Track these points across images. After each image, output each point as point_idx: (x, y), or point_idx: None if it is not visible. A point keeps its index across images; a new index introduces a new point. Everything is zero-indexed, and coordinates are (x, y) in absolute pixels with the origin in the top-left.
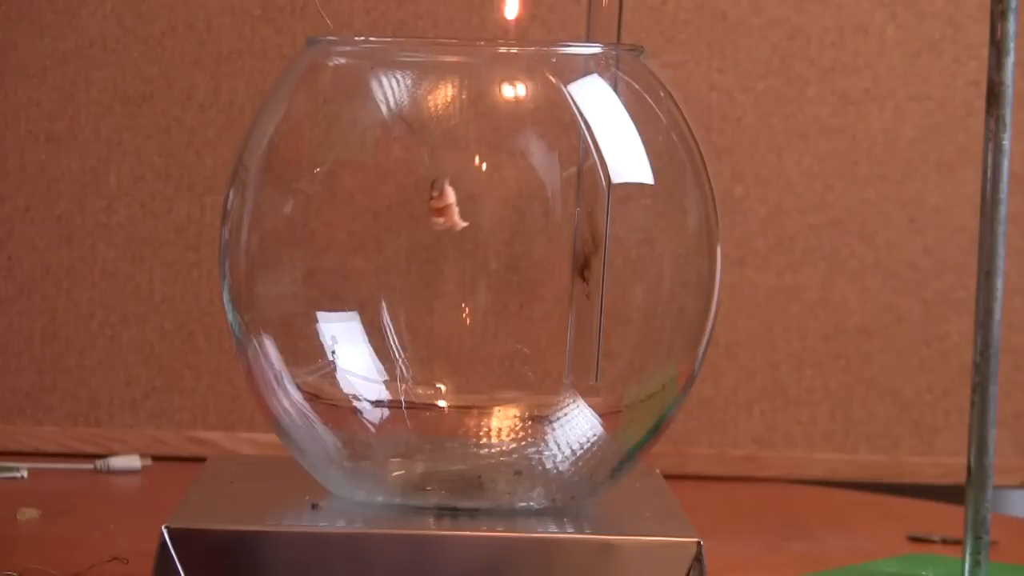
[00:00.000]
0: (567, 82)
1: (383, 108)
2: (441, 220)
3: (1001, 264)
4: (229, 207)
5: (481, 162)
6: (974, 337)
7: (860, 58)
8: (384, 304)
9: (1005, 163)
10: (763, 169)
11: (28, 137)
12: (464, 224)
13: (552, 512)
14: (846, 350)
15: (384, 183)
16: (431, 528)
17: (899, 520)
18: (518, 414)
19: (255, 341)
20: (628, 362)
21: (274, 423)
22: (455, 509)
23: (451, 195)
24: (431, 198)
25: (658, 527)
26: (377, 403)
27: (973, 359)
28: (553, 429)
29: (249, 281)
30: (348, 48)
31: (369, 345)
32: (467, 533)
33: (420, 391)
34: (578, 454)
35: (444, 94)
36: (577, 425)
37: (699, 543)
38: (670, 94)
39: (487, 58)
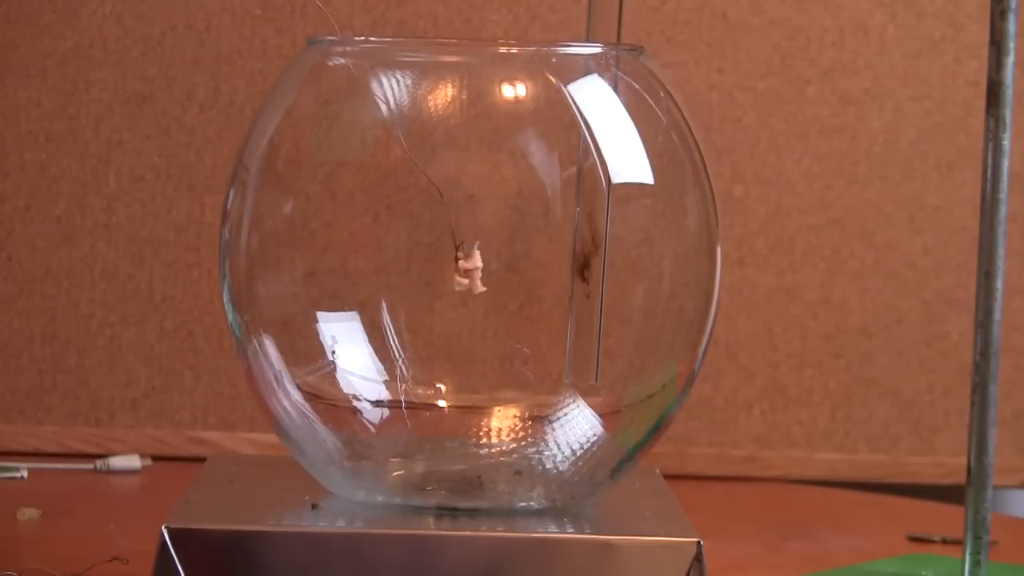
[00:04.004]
0: (567, 82)
1: (383, 108)
2: (465, 282)
3: (1001, 264)
4: (229, 207)
5: (481, 162)
6: (974, 337)
7: (860, 58)
8: (384, 304)
9: (1005, 163)
10: (763, 169)
11: (28, 137)
12: (483, 289)
13: (552, 512)
14: (846, 350)
15: (384, 183)
16: (431, 528)
17: (899, 520)
18: (518, 414)
19: (255, 341)
20: (628, 362)
21: (274, 423)
22: (455, 509)
23: (478, 260)
24: (457, 258)
25: (658, 527)
26: (377, 403)
27: (973, 359)
28: (553, 429)
29: (249, 281)
30: (348, 48)
31: (369, 345)
32: (467, 533)
33: (420, 391)
34: (578, 454)
35: (444, 94)
36: (577, 425)
37: (699, 543)
38: (670, 94)
39: (487, 58)
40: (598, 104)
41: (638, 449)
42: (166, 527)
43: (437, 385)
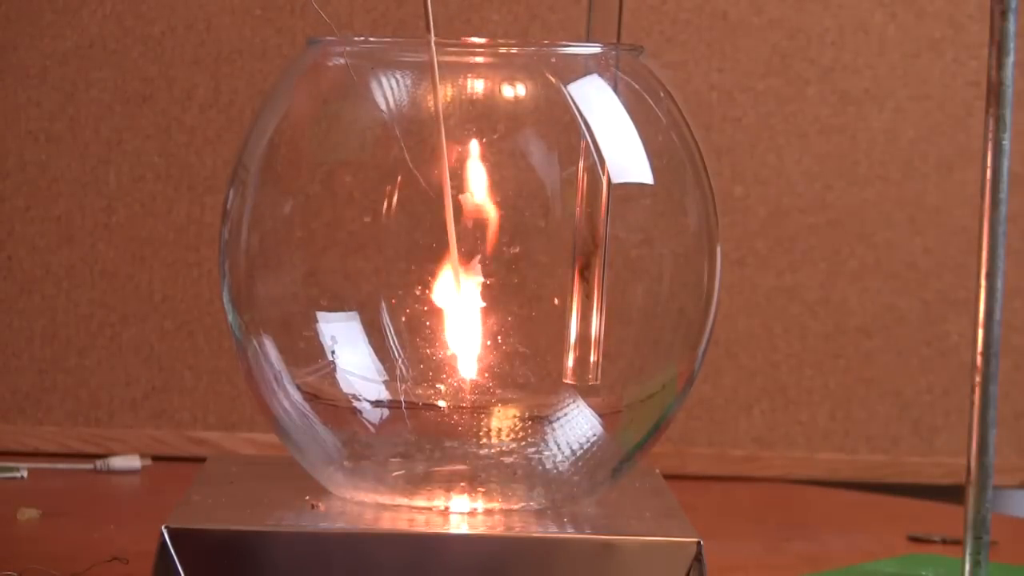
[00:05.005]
0: (567, 82)
1: (383, 108)
2: None
3: (1001, 264)
4: (229, 207)
5: (481, 162)
6: (974, 337)
7: (860, 58)
8: (384, 304)
9: (1005, 163)
10: (763, 169)
11: (28, 137)
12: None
13: (552, 512)
14: (846, 350)
15: (384, 183)
16: (431, 528)
17: (899, 520)
18: (518, 414)
19: (255, 341)
20: (628, 362)
21: (274, 423)
22: (455, 509)
23: None
24: None
25: (658, 527)
26: (377, 403)
27: (973, 359)
28: (553, 429)
29: (249, 281)
30: (348, 48)
31: (369, 345)
32: (467, 533)
33: (420, 391)
34: (578, 454)
35: (444, 94)
36: (577, 425)
37: (699, 543)
38: (670, 94)
39: (487, 58)
40: (598, 104)
41: (638, 449)
42: (166, 527)
43: (437, 385)
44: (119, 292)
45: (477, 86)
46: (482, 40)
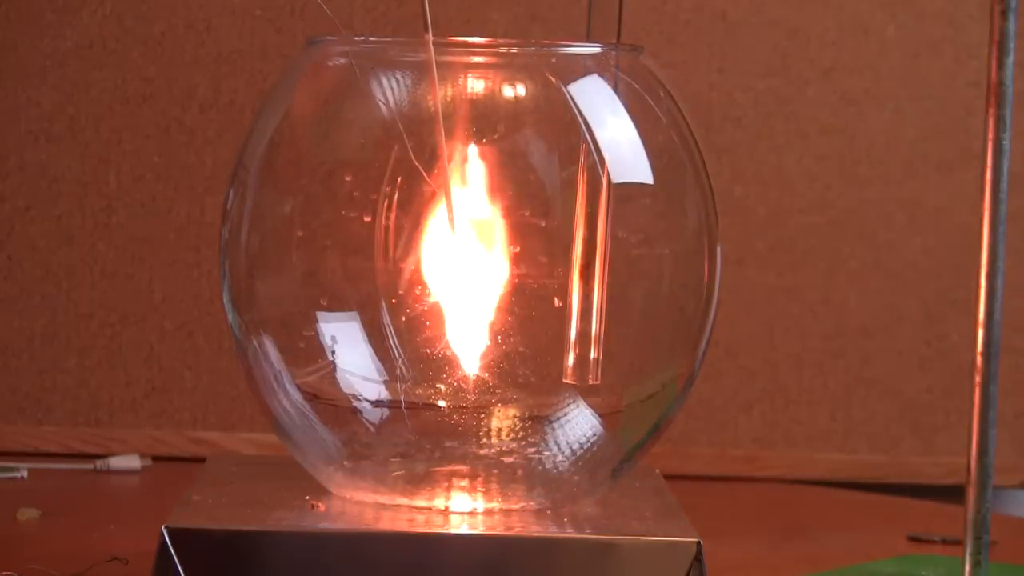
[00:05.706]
0: (567, 82)
1: (383, 108)
2: None
3: (1001, 264)
4: (229, 207)
5: (481, 162)
6: (974, 337)
7: (860, 58)
8: (384, 304)
9: (1005, 163)
10: (763, 169)
11: (28, 137)
12: None
13: (552, 512)
14: (846, 350)
15: (384, 183)
16: (431, 528)
17: (899, 520)
18: (518, 414)
19: (255, 341)
20: (628, 362)
21: (274, 423)
22: (455, 509)
23: None
24: None
25: (658, 527)
26: (377, 403)
27: (973, 359)
28: (553, 429)
29: (249, 281)
30: (348, 48)
31: (369, 345)
32: (467, 533)
33: (420, 391)
34: (578, 454)
35: (444, 94)
36: (577, 425)
37: (699, 543)
38: (670, 94)
39: (487, 58)
40: (598, 104)
41: (638, 449)
42: (166, 527)
43: (437, 385)
44: (119, 292)
45: (477, 86)
46: (482, 40)
